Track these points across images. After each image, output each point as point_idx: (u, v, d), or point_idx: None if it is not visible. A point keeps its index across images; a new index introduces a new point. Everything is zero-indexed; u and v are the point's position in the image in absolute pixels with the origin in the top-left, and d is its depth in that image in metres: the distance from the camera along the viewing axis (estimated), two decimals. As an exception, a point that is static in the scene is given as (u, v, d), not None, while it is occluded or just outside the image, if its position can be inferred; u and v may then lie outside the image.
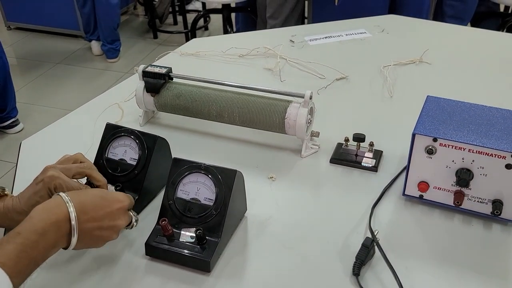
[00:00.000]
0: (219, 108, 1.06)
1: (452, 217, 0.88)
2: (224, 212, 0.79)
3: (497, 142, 0.80)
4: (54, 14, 3.79)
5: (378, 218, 0.88)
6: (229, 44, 1.50)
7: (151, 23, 3.91)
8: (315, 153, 1.05)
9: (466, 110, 0.89)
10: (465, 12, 2.79)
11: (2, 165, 2.55)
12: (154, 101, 1.11)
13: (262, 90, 1.06)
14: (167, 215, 0.81)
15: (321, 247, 0.83)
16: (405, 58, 1.41)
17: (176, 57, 1.47)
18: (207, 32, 4.03)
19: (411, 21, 1.72)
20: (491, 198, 0.84)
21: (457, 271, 0.78)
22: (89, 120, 1.16)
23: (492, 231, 0.85)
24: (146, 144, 0.89)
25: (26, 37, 3.94)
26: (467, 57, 1.45)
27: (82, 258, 0.81)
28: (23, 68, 3.53)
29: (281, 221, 0.88)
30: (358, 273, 0.76)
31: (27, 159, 1.06)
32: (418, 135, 0.84)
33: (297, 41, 1.56)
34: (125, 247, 0.83)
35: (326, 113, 1.17)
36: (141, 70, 1.10)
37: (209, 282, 0.77)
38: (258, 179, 0.98)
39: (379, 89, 1.29)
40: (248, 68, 1.40)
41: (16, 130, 2.80)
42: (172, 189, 0.82)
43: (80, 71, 3.46)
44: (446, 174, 0.85)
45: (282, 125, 1.02)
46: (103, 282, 0.77)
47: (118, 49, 3.57)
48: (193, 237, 0.79)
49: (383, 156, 1.03)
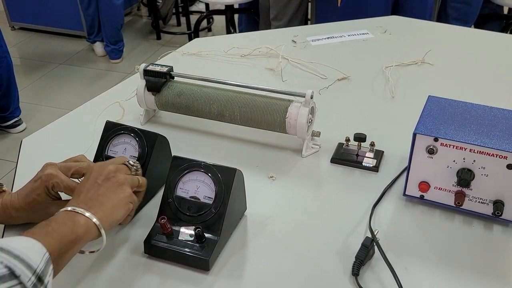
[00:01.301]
0: (220, 107, 1.06)
1: (452, 217, 0.87)
2: (223, 211, 0.79)
3: (499, 142, 0.80)
4: (58, 14, 3.81)
5: (379, 218, 0.88)
6: (231, 44, 1.50)
7: (155, 24, 3.92)
8: (316, 152, 1.04)
9: (467, 110, 0.89)
10: (469, 14, 2.79)
11: (5, 164, 2.56)
12: (155, 100, 1.11)
13: (263, 90, 1.06)
14: (166, 213, 0.81)
15: (321, 247, 0.82)
16: (407, 59, 1.41)
17: (178, 57, 1.47)
18: (210, 33, 4.03)
19: (413, 22, 1.72)
20: (492, 198, 0.83)
21: (457, 272, 0.77)
22: (89, 119, 1.16)
23: (493, 232, 0.84)
24: (146, 141, 0.89)
25: (30, 37, 3.96)
26: (470, 58, 1.45)
27: (80, 256, 0.81)
28: (26, 68, 3.54)
29: (281, 220, 0.88)
30: (357, 273, 0.76)
31: (27, 157, 1.06)
32: (419, 135, 0.83)
33: (299, 41, 1.55)
34: (124, 245, 0.83)
35: (327, 113, 1.17)
36: (142, 68, 1.10)
37: (208, 281, 0.77)
38: (259, 178, 0.97)
39: (381, 89, 1.29)
40: (249, 68, 1.40)
41: (19, 130, 2.81)
42: (171, 187, 0.82)
43: (84, 72, 3.47)
44: (447, 174, 0.84)
45: (283, 125, 1.01)
46: (101, 280, 0.77)
47: (121, 49, 3.58)
48: (192, 235, 0.79)
49: (384, 156, 1.02)
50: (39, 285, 0.57)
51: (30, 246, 0.60)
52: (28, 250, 0.58)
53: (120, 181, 0.77)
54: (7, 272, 0.55)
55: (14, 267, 0.55)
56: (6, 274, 0.55)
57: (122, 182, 0.77)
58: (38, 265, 0.58)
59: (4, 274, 0.55)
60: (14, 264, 0.56)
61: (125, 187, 0.77)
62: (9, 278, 0.55)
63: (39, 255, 0.59)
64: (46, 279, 0.59)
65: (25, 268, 0.56)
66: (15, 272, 0.55)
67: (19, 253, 0.57)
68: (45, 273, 0.59)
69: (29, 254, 0.58)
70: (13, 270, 0.55)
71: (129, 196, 0.77)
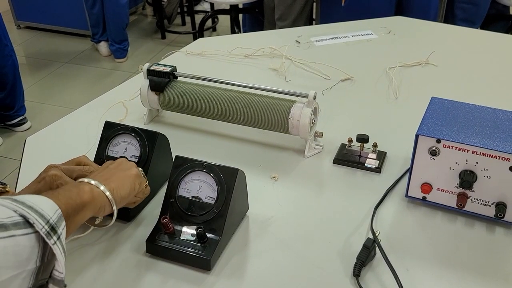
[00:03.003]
0: (223, 107, 1.06)
1: (455, 219, 0.87)
2: (225, 211, 0.79)
3: (501, 144, 0.80)
4: (63, 13, 3.82)
5: (380, 219, 0.88)
6: (235, 44, 1.50)
7: (160, 23, 3.93)
8: (318, 153, 1.04)
9: (470, 111, 0.89)
10: (477, 15, 2.77)
11: (10, 162, 2.57)
12: (159, 99, 1.11)
13: (266, 90, 1.06)
14: (168, 212, 0.81)
15: (322, 247, 0.82)
16: (411, 60, 1.41)
17: (182, 57, 1.47)
18: (215, 33, 4.03)
19: (417, 23, 1.71)
20: (495, 200, 0.83)
21: (459, 274, 0.77)
22: (93, 118, 1.17)
23: (495, 234, 0.84)
24: (147, 141, 0.89)
25: (35, 36, 3.97)
26: (474, 59, 1.44)
27: (82, 254, 0.81)
28: (32, 66, 3.55)
29: (282, 221, 0.88)
30: (358, 274, 0.76)
31: (31, 155, 1.07)
32: (421, 136, 0.83)
33: (303, 41, 1.55)
34: (126, 244, 0.83)
35: (330, 114, 1.16)
36: (146, 68, 1.11)
37: (209, 281, 0.77)
38: (261, 178, 0.98)
39: (384, 90, 1.28)
40: (253, 68, 1.40)
41: (23, 128, 2.82)
42: (174, 187, 0.82)
43: (88, 71, 3.48)
44: (449, 176, 0.84)
45: (285, 125, 1.02)
46: (103, 278, 0.77)
47: (126, 49, 3.58)
48: (194, 235, 0.79)
49: (387, 157, 1.02)
50: (53, 234, 0.58)
51: (43, 201, 0.61)
52: (41, 204, 0.60)
53: (129, 165, 0.82)
54: (22, 220, 0.56)
55: (28, 215, 0.57)
56: (21, 221, 0.56)
57: (131, 165, 0.82)
58: (51, 217, 0.59)
59: (19, 221, 0.56)
60: (28, 212, 0.57)
61: (133, 168, 0.81)
62: (23, 226, 0.56)
63: (52, 210, 0.61)
64: (59, 230, 0.60)
65: (39, 217, 0.57)
66: (29, 220, 0.56)
67: (32, 204, 0.58)
68: (58, 224, 0.60)
69: (42, 207, 0.59)
70: (27, 218, 0.56)
71: (136, 174, 0.81)
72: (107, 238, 0.84)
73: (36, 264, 0.57)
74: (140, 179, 0.82)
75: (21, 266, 0.55)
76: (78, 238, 0.83)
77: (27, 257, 0.56)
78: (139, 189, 0.81)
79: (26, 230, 0.56)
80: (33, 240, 0.56)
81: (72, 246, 0.82)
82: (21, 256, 0.55)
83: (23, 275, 0.56)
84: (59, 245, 0.58)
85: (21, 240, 0.55)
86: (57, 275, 0.59)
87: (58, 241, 0.58)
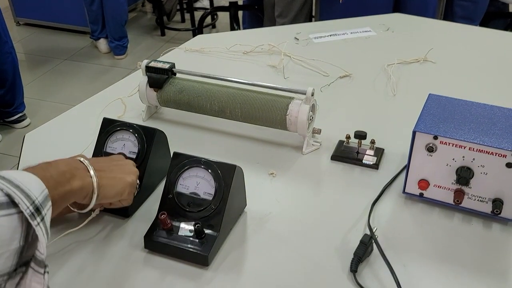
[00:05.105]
0: (221, 103, 1.06)
1: (451, 215, 0.88)
2: (223, 207, 0.80)
3: (498, 140, 0.80)
4: (62, 10, 3.82)
5: (378, 215, 0.88)
6: (234, 41, 1.50)
7: (159, 20, 3.93)
8: (316, 150, 1.05)
9: (467, 108, 0.89)
10: (476, 12, 2.77)
11: (9, 159, 2.57)
12: (157, 96, 1.11)
13: (264, 86, 1.06)
14: (166, 208, 0.81)
15: (320, 244, 0.83)
16: (409, 57, 1.41)
17: (181, 53, 1.48)
18: (214, 30, 4.03)
19: (416, 20, 1.71)
20: (491, 197, 0.83)
21: (455, 270, 0.77)
22: (92, 115, 1.17)
23: (492, 230, 0.85)
24: (145, 137, 0.89)
25: (35, 33, 3.97)
26: (472, 56, 1.45)
27: (80, 251, 0.82)
28: (31, 63, 3.55)
29: (280, 217, 0.88)
30: (355, 270, 0.76)
31: (30, 152, 1.07)
32: (418, 133, 0.84)
33: (302, 38, 1.56)
34: (124, 240, 0.84)
35: (328, 110, 1.17)
36: (144, 65, 1.11)
37: (207, 276, 0.77)
38: (259, 175, 0.98)
39: (383, 87, 1.29)
40: (252, 65, 1.40)
41: (23, 125, 2.82)
42: (172, 183, 0.82)
43: (88, 68, 3.48)
44: (446, 172, 0.85)
45: (283, 122, 1.02)
46: (101, 274, 0.78)
47: (125, 46, 3.58)
48: (192, 231, 0.79)
49: (385, 154, 1.02)
50: (37, 215, 0.58)
51: (31, 180, 0.61)
52: (28, 183, 0.60)
53: (131, 170, 0.83)
54: (7, 200, 0.56)
55: (14, 194, 0.56)
56: (5, 202, 0.56)
57: (132, 172, 0.83)
58: (37, 198, 0.59)
59: (3, 202, 0.56)
60: (14, 191, 0.57)
61: (132, 176, 0.82)
62: (7, 206, 0.56)
63: (39, 190, 0.61)
64: (43, 211, 0.59)
65: (24, 197, 0.57)
66: (14, 199, 0.56)
67: (19, 183, 0.58)
68: (43, 206, 0.60)
69: (29, 187, 0.59)
70: (12, 197, 0.56)
71: (131, 183, 0.81)
72: (105, 234, 0.85)
73: (20, 244, 0.57)
74: (132, 189, 0.82)
75: (4, 246, 0.55)
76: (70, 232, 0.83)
77: (10, 237, 0.56)
78: (125, 197, 0.82)
79: (9, 211, 0.56)
80: (16, 221, 0.56)
81: (70, 241, 0.82)
82: (3, 236, 0.55)
83: (6, 255, 0.56)
84: (42, 227, 0.58)
85: (2, 221, 0.55)
86: (38, 255, 0.59)
87: (41, 222, 0.58)
